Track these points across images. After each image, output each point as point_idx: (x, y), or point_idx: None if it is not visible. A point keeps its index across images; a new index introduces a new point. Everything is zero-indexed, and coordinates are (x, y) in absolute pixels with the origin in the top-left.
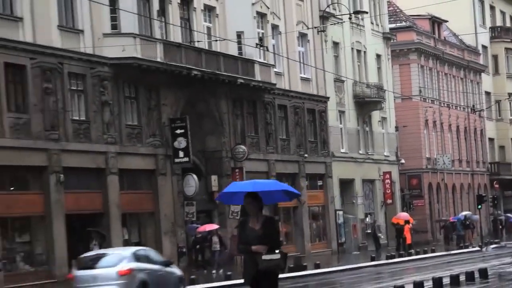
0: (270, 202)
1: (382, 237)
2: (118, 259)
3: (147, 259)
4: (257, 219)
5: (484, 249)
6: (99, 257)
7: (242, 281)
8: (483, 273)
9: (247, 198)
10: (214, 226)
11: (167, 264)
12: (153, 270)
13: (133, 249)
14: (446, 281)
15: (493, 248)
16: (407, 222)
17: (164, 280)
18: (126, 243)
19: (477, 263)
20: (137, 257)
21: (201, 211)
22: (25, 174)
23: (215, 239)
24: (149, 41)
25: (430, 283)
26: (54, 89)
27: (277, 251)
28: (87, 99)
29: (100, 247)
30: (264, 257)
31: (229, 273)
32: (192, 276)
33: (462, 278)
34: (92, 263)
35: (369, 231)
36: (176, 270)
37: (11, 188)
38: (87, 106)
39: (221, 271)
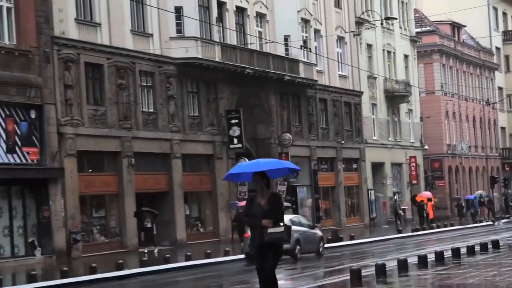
0: (274, 177)
1: (402, 214)
2: None
3: (299, 223)
4: (263, 195)
5: (496, 223)
6: None
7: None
8: (495, 244)
9: (255, 176)
10: None
11: (311, 227)
12: (303, 231)
13: (290, 216)
14: (463, 251)
15: (504, 222)
16: (429, 199)
17: (310, 238)
18: (187, 218)
19: (490, 235)
20: (292, 222)
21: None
22: (101, 158)
23: None
24: (209, 43)
25: (449, 252)
26: (127, 85)
27: (281, 224)
28: (155, 93)
29: (152, 224)
30: (270, 230)
31: None
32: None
33: (477, 248)
34: None
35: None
36: (318, 232)
37: (89, 170)
38: (155, 100)
39: None
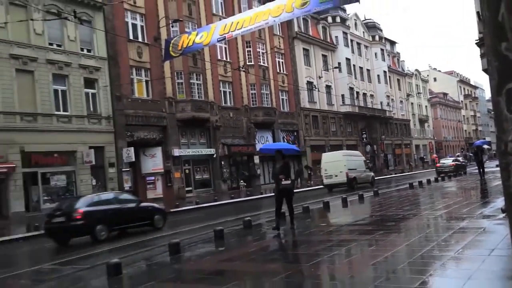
0: (286, 153)
1: (412, 164)
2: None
3: (356, 168)
4: (281, 162)
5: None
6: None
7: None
8: (465, 173)
9: (276, 153)
10: None
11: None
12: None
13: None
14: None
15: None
16: (436, 157)
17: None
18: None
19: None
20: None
21: (370, 157)
22: (319, 147)
23: None
24: (353, 105)
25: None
26: (326, 122)
27: (290, 178)
28: (336, 124)
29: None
30: (283, 182)
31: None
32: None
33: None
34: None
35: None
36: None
37: (314, 151)
38: (336, 127)
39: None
